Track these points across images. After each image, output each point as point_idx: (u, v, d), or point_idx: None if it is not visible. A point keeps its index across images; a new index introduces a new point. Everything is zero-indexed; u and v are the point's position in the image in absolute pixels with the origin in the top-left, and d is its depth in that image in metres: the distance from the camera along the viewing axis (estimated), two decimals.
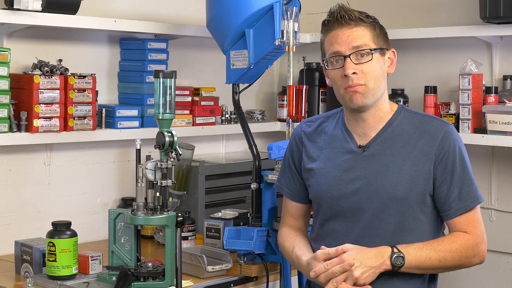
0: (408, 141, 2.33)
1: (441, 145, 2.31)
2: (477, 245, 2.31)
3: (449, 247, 2.28)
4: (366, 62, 2.30)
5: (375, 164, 2.34)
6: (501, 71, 3.54)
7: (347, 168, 2.37)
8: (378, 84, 2.32)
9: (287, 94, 2.84)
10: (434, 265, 2.27)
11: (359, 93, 2.30)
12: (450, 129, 2.34)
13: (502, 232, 3.58)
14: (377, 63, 2.32)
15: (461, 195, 2.31)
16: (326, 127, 2.47)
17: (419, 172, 2.30)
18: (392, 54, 2.39)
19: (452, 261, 2.29)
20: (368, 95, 2.31)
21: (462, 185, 2.31)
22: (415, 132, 2.34)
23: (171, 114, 2.59)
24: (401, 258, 2.24)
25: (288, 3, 2.92)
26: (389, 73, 2.39)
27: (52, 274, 2.62)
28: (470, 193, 2.32)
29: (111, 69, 3.50)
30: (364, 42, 2.31)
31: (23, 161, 3.19)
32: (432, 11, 3.75)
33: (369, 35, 2.32)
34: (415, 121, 2.37)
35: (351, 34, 2.31)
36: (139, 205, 2.56)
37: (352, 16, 2.31)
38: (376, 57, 2.32)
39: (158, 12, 3.63)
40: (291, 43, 2.89)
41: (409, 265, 2.25)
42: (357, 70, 2.29)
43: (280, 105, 4.03)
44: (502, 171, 3.58)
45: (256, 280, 2.87)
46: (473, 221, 2.33)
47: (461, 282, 3.70)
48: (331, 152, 2.43)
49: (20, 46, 3.15)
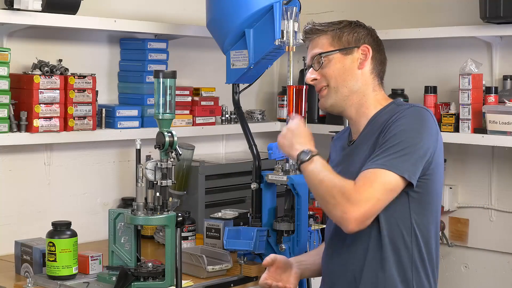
0: (376, 132, 2.33)
1: (387, 121, 2.28)
2: (349, 198, 2.15)
3: (334, 179, 2.20)
4: (325, 66, 2.39)
5: (350, 159, 2.39)
6: (501, 71, 3.53)
7: (339, 163, 2.45)
8: (341, 82, 2.38)
9: (287, 94, 2.84)
10: (314, 182, 2.25)
11: (323, 97, 2.42)
12: (408, 107, 2.29)
13: (502, 232, 3.58)
14: (338, 62, 2.39)
15: (377, 157, 2.20)
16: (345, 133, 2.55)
17: (369, 156, 2.26)
18: (366, 50, 2.39)
19: (325, 190, 2.20)
20: (331, 95, 2.40)
21: (385, 151, 2.20)
22: (384, 123, 2.31)
23: (171, 114, 2.59)
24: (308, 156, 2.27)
25: (288, 3, 2.92)
26: (361, 68, 2.39)
27: (52, 274, 2.62)
28: (386, 158, 2.18)
29: (111, 69, 3.50)
30: (322, 49, 2.40)
31: (23, 161, 3.19)
32: (432, 11, 3.75)
33: (328, 41, 2.41)
34: (392, 113, 2.32)
35: (311, 44, 2.45)
36: (139, 205, 2.56)
37: (313, 29, 2.44)
38: (335, 57, 2.39)
39: (158, 12, 3.63)
40: (291, 43, 2.89)
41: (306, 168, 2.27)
42: (317, 75, 2.40)
43: (280, 105, 4.03)
44: (502, 171, 3.58)
45: (256, 280, 2.87)
46: (366, 178, 2.17)
47: (461, 282, 3.70)
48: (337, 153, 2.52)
49: (20, 46, 3.15)
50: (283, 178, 2.82)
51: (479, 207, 3.63)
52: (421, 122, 2.25)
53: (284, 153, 2.39)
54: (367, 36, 2.42)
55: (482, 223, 3.63)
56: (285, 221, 2.87)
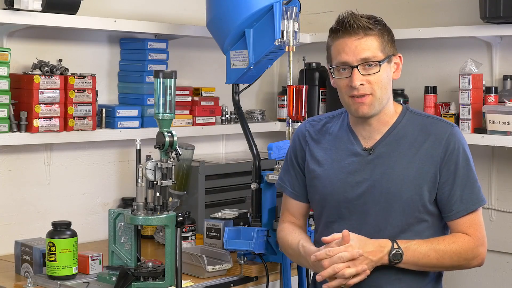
0: (413, 143, 2.33)
1: (445, 146, 2.31)
2: (477, 248, 2.31)
3: (449, 247, 2.28)
4: (373, 73, 2.29)
5: (380, 167, 2.33)
6: (501, 71, 3.54)
7: (352, 171, 2.37)
8: (385, 92, 2.32)
9: (287, 94, 2.84)
10: (432, 263, 2.28)
11: (366, 105, 2.30)
12: (455, 130, 2.35)
13: (502, 232, 3.58)
14: (384, 72, 2.31)
15: (463, 197, 2.31)
16: (331, 128, 2.46)
17: (425, 174, 2.30)
18: (398, 59, 2.38)
19: (450, 261, 2.29)
20: (375, 105, 2.31)
21: (465, 187, 2.31)
22: (419, 134, 2.34)
23: (171, 114, 2.59)
24: (399, 255, 2.24)
25: (288, 3, 2.92)
26: (395, 78, 2.37)
27: (52, 274, 2.62)
28: (472, 195, 2.32)
29: (111, 69, 3.50)
30: (372, 53, 2.29)
31: (23, 161, 3.19)
32: (432, 11, 3.75)
33: (377, 45, 2.30)
34: (420, 123, 2.36)
35: (359, 44, 2.28)
36: (139, 205, 2.56)
37: (361, 25, 2.28)
38: (383, 66, 2.31)
39: (158, 12, 3.63)
40: (291, 43, 2.89)
41: (407, 261, 2.26)
42: (364, 81, 2.28)
43: (280, 105, 4.03)
44: (502, 171, 3.58)
45: (256, 280, 2.87)
46: (474, 224, 2.32)
47: (461, 282, 3.70)
48: (336, 153, 2.42)
49: (20, 46, 3.15)
50: None
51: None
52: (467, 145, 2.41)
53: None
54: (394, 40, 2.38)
55: None
56: None
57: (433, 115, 2.43)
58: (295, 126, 2.81)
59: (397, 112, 2.39)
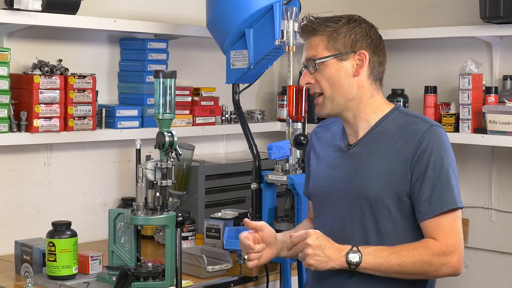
0: (390, 140, 2.29)
1: (417, 145, 2.24)
2: (445, 255, 2.17)
3: (411, 252, 2.19)
4: (318, 71, 2.31)
5: (355, 163, 2.32)
6: (501, 71, 3.54)
7: (335, 166, 2.37)
8: (337, 90, 2.30)
9: (287, 94, 2.84)
10: (394, 269, 2.19)
11: (318, 105, 2.34)
12: (431, 129, 2.26)
13: (502, 232, 3.58)
14: (333, 69, 2.30)
15: (431, 199, 2.21)
16: (333, 127, 2.48)
17: (395, 172, 2.25)
18: (362, 56, 2.31)
19: (414, 267, 2.19)
20: (326, 104, 2.32)
21: (434, 188, 2.22)
22: (398, 133, 2.29)
23: (171, 114, 2.59)
24: (358, 256, 2.18)
25: (288, 3, 2.92)
26: (356, 75, 2.31)
27: (52, 274, 2.62)
28: (442, 197, 2.21)
29: (111, 69, 3.50)
30: (316, 52, 2.31)
31: (23, 161, 3.19)
32: (432, 11, 3.75)
33: (323, 44, 2.31)
34: (402, 122, 2.31)
35: (307, 44, 2.35)
36: (139, 205, 2.56)
37: (309, 28, 2.34)
38: (330, 63, 2.30)
39: (158, 12, 3.63)
40: (291, 43, 2.89)
41: (367, 265, 2.19)
42: (312, 80, 2.32)
43: (280, 105, 4.03)
44: (502, 171, 3.58)
45: (256, 280, 2.87)
46: (444, 228, 2.20)
47: (461, 282, 3.69)
48: (328, 150, 2.43)
49: (20, 46, 3.15)
50: (283, 178, 2.83)
51: (479, 207, 3.63)
52: (448, 145, 2.29)
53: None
54: (365, 37, 2.32)
55: (482, 223, 3.63)
56: (285, 221, 2.87)
57: (422, 115, 2.39)
58: (295, 126, 2.82)
59: (384, 111, 2.36)
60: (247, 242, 2.32)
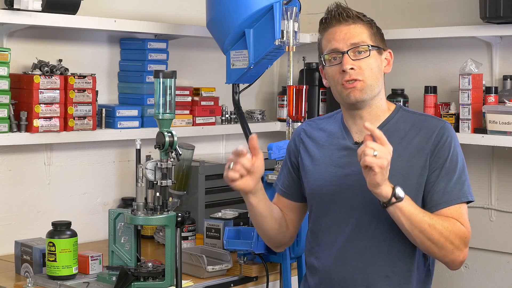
0: (404, 137, 2.33)
1: (436, 139, 2.30)
2: (466, 240, 2.24)
3: (442, 221, 2.23)
4: (363, 59, 2.31)
5: None
6: (501, 71, 3.54)
7: (342, 165, 2.37)
8: (376, 81, 2.33)
9: (287, 94, 2.84)
10: (423, 226, 2.20)
11: (357, 89, 2.31)
12: (446, 125, 2.34)
13: (502, 232, 3.58)
14: (374, 60, 2.33)
15: (446, 190, 2.27)
16: (326, 126, 2.48)
17: (413, 167, 2.29)
18: (388, 55, 2.40)
19: (439, 235, 2.21)
20: (366, 91, 2.32)
21: (449, 181, 2.27)
22: (411, 130, 2.34)
23: (171, 114, 2.59)
24: (403, 193, 2.17)
25: (288, 3, 2.92)
26: (386, 72, 2.39)
27: (52, 274, 2.62)
28: (456, 189, 2.27)
29: (111, 69, 3.50)
30: (362, 39, 2.32)
31: (23, 161, 3.19)
32: (432, 11, 3.75)
33: (367, 33, 2.34)
34: (412, 120, 2.37)
35: (348, 31, 2.33)
36: (139, 205, 2.56)
37: (350, 14, 2.33)
38: (373, 54, 2.33)
39: (158, 12, 3.63)
40: (291, 43, 2.89)
41: (405, 206, 2.18)
42: (355, 66, 2.30)
43: (280, 105, 4.03)
44: (502, 171, 3.58)
45: (256, 280, 2.87)
46: (460, 217, 2.26)
47: (461, 282, 3.70)
48: (328, 149, 2.42)
49: (20, 46, 3.15)
50: None
51: (479, 207, 3.63)
52: (458, 142, 2.36)
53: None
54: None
55: (482, 223, 3.63)
56: None
57: (426, 113, 2.42)
58: (295, 126, 2.81)
59: (390, 109, 2.41)
60: (241, 148, 2.24)
